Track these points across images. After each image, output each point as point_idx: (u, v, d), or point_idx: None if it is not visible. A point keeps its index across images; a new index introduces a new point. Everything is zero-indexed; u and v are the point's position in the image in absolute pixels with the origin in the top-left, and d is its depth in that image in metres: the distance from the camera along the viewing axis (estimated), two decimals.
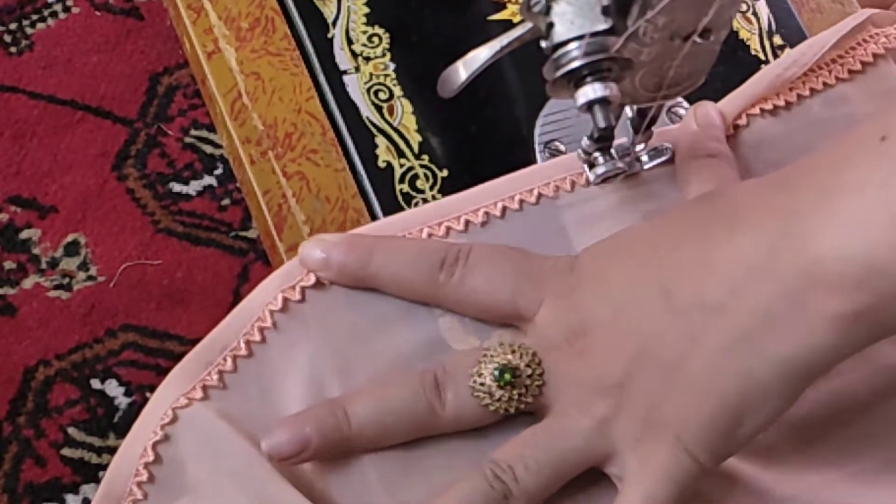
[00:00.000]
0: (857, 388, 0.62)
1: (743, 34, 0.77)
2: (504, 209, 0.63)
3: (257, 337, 0.58)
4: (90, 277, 1.01)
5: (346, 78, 0.71)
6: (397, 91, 0.71)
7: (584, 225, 0.64)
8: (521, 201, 0.63)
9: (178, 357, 0.99)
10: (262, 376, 0.59)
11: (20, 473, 0.94)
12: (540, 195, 0.63)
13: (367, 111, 0.70)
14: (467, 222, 0.62)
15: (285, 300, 0.59)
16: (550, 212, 0.63)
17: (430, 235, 0.61)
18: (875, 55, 0.69)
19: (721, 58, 0.56)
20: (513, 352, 0.56)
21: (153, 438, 0.58)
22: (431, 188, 0.69)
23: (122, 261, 1.02)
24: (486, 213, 0.62)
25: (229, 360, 0.58)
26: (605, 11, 0.50)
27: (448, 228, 0.62)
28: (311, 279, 0.59)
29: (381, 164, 0.69)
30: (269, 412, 0.58)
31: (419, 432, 0.57)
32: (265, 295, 0.59)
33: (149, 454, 0.57)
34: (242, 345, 0.58)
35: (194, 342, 0.99)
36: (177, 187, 1.05)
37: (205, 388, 0.58)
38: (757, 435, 0.53)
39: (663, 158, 0.65)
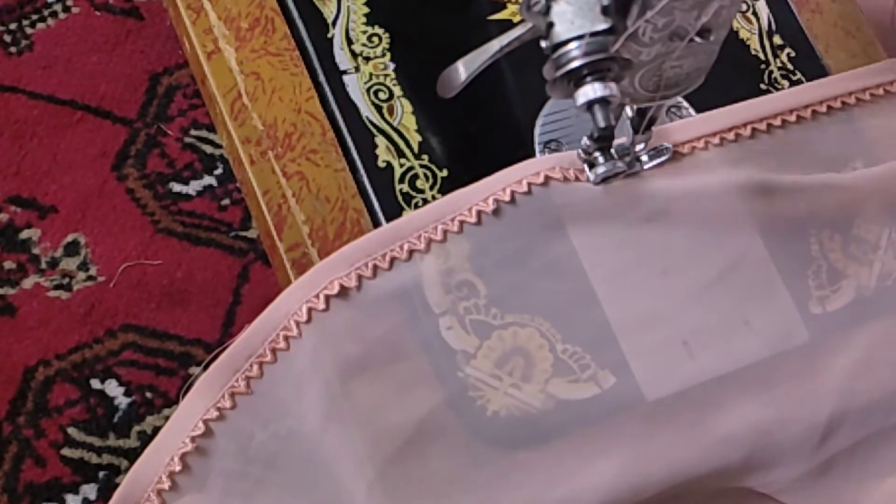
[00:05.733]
0: None
1: (743, 34, 0.77)
2: (497, 203, 0.63)
3: (282, 345, 0.59)
4: (90, 277, 1.01)
5: (346, 78, 0.71)
6: (397, 91, 0.71)
7: (584, 224, 0.64)
8: (513, 192, 0.63)
9: (178, 357, 0.99)
10: (287, 382, 0.59)
11: (20, 473, 0.94)
12: (530, 186, 0.63)
13: (367, 111, 0.70)
14: (461, 223, 0.62)
15: (309, 310, 0.59)
16: (544, 205, 0.64)
17: (429, 241, 0.62)
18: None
19: (721, 58, 0.56)
20: None
21: (183, 448, 0.58)
22: (431, 188, 0.69)
23: (122, 261, 1.02)
24: (479, 213, 0.63)
25: (255, 367, 0.60)
26: (605, 11, 0.51)
27: (445, 231, 0.62)
28: (335, 288, 0.60)
29: (381, 164, 0.69)
30: (293, 417, 0.59)
31: None
32: (289, 304, 0.60)
33: (176, 464, 0.58)
34: (268, 352, 0.59)
35: (194, 342, 1.00)
36: (177, 187, 1.05)
37: (233, 395, 0.59)
38: None
39: (663, 158, 0.65)
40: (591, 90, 0.51)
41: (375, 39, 0.73)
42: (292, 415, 0.59)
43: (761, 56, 0.76)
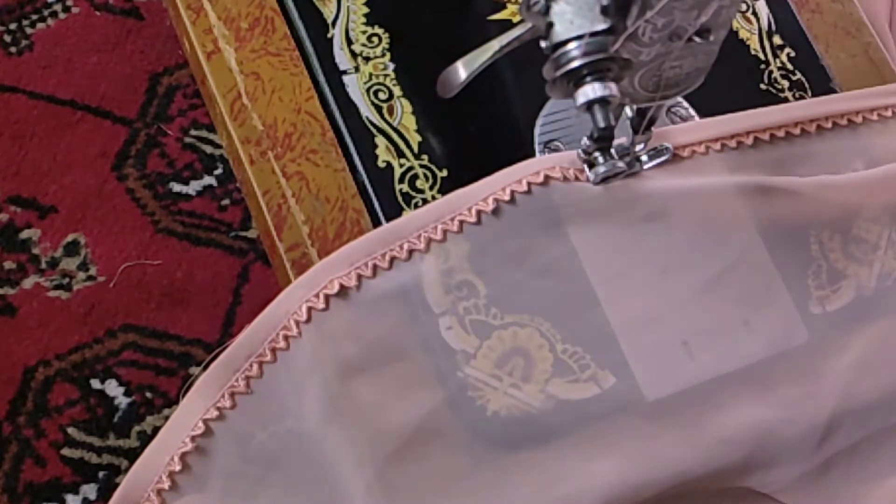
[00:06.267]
0: None
1: (743, 34, 0.77)
2: (497, 203, 0.63)
3: (282, 344, 0.59)
4: (90, 277, 1.01)
5: (345, 78, 0.71)
6: (397, 91, 0.71)
7: (584, 224, 0.64)
8: (513, 192, 0.63)
9: (178, 357, 0.99)
10: (287, 381, 0.59)
11: (20, 473, 0.94)
12: (530, 185, 0.63)
13: (366, 111, 0.70)
14: (461, 223, 0.62)
15: (309, 309, 0.59)
16: (544, 205, 0.63)
17: (429, 241, 0.62)
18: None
19: (721, 58, 0.56)
20: None
21: (183, 448, 0.58)
22: (431, 188, 0.69)
23: (122, 261, 1.02)
24: (479, 212, 0.63)
25: (255, 367, 0.60)
26: (605, 11, 0.50)
27: (444, 231, 0.62)
28: (335, 287, 0.60)
29: (381, 164, 0.69)
30: (292, 417, 0.59)
31: None
32: (289, 303, 0.60)
33: (176, 463, 0.58)
34: (268, 352, 0.59)
35: (194, 342, 1.00)
36: (177, 187, 1.05)
37: (233, 395, 0.59)
38: None
39: (663, 158, 0.65)
40: (590, 90, 0.51)
41: (375, 39, 0.73)
42: (292, 414, 0.59)
43: (761, 56, 0.76)
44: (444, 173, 0.69)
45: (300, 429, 0.60)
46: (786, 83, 0.76)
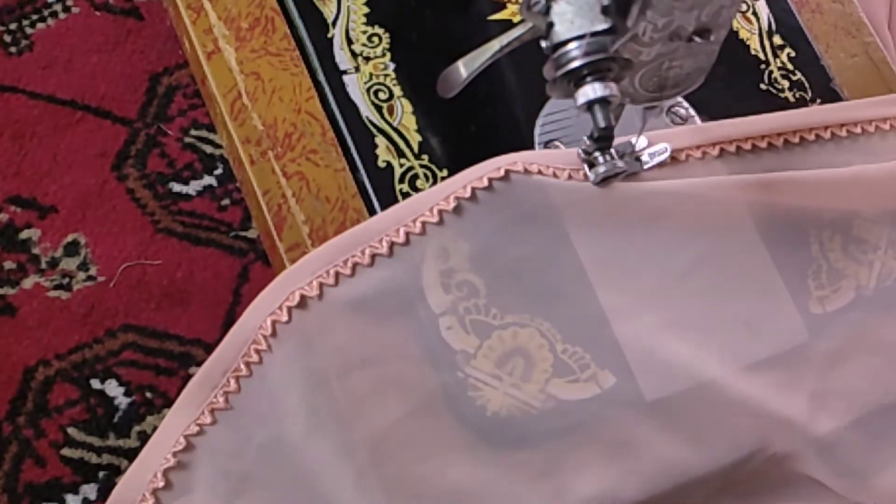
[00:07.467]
0: None
1: (743, 34, 0.77)
2: (473, 191, 0.63)
3: (255, 358, 0.60)
4: (90, 277, 1.01)
5: (346, 78, 0.71)
6: (397, 91, 0.71)
7: (584, 224, 0.64)
8: (490, 179, 0.63)
9: (178, 357, 0.99)
10: (265, 393, 0.60)
11: (20, 473, 0.94)
12: (508, 172, 0.63)
13: (367, 111, 0.70)
14: (441, 212, 0.62)
15: (273, 322, 0.60)
16: (544, 205, 0.63)
17: (407, 235, 0.62)
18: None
19: (721, 58, 0.56)
20: None
21: (165, 465, 0.59)
22: (431, 188, 0.69)
23: (122, 261, 1.02)
24: (457, 198, 0.63)
25: (233, 382, 0.60)
26: (605, 11, 0.50)
27: (423, 224, 0.62)
28: (296, 298, 0.60)
29: (381, 164, 0.69)
30: (275, 428, 0.59)
31: None
32: (256, 318, 0.61)
33: (159, 480, 0.58)
34: (243, 367, 0.60)
35: (194, 342, 1.00)
36: (177, 187, 1.05)
37: (213, 411, 0.59)
38: None
39: (663, 158, 0.65)
40: (591, 90, 0.51)
41: (375, 39, 0.73)
42: (273, 426, 0.60)
43: (761, 56, 0.76)
44: (445, 173, 0.69)
45: (283, 438, 0.60)
46: (786, 83, 0.76)
